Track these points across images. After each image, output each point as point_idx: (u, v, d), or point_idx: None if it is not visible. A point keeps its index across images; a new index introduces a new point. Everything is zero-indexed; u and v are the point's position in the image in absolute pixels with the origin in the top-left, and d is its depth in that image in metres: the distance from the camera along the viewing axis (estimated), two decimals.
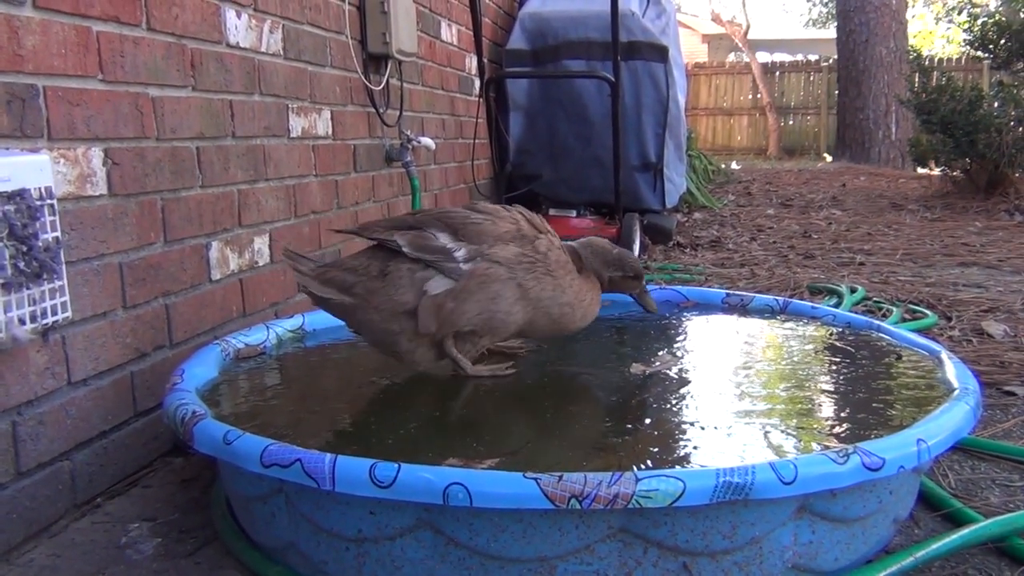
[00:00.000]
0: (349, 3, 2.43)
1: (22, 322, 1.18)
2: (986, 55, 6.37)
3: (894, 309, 2.64)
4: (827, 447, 1.12)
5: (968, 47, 6.61)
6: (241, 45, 1.88)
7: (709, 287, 3.07)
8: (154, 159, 1.57)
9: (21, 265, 1.17)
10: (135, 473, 1.52)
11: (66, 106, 1.35)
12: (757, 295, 2.03)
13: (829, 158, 13.00)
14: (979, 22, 6.33)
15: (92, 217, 1.41)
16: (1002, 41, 6.04)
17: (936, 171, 6.79)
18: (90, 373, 1.40)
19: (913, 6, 21.12)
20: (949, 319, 2.61)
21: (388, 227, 1.49)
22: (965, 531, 1.20)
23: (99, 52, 1.43)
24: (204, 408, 1.20)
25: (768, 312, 1.97)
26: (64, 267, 1.29)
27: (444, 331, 1.45)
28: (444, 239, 1.46)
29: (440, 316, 1.43)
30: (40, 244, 1.21)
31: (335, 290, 1.46)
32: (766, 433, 1.20)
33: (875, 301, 2.82)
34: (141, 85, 1.53)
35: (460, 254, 1.45)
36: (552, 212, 4.10)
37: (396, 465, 0.97)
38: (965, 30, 6.66)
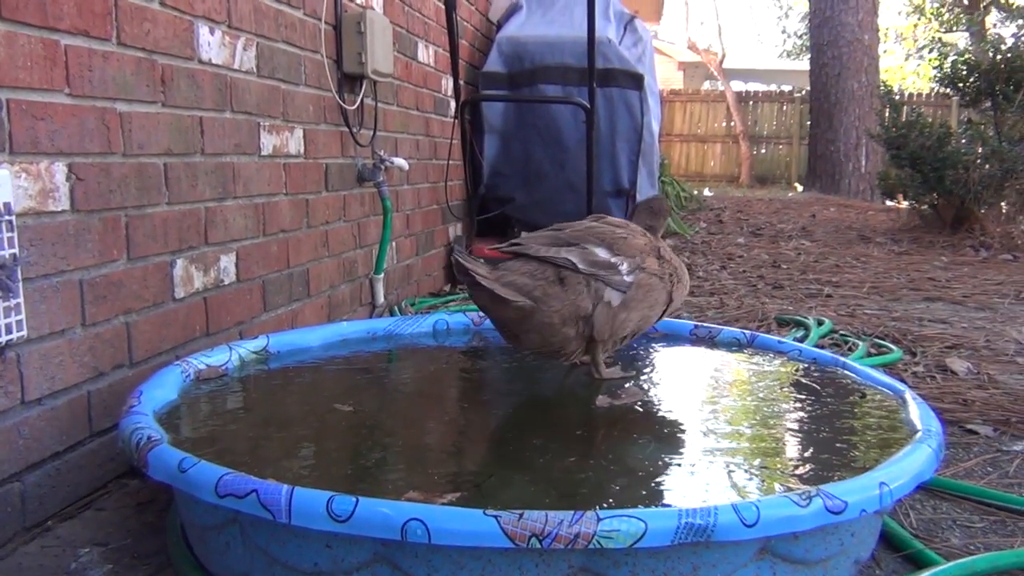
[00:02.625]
0: (325, 22, 2.42)
1: None
2: (955, 93, 6.48)
3: (860, 343, 2.66)
4: (790, 488, 1.12)
5: (938, 84, 6.72)
6: (214, 62, 1.86)
7: (678, 317, 3.08)
8: (120, 175, 1.55)
9: None
10: (89, 495, 1.48)
11: (30, 120, 1.33)
12: (725, 328, 2.04)
13: (800, 188, 13.15)
14: (949, 60, 6.44)
15: (53, 233, 1.38)
16: (971, 79, 6.14)
17: (904, 204, 6.89)
18: (45, 392, 1.37)
19: (885, 42, 21.52)
20: (914, 354, 2.64)
21: (548, 243, 1.62)
22: (925, 574, 1.20)
23: (67, 66, 1.41)
24: (160, 433, 1.18)
25: (735, 345, 1.97)
26: (21, 284, 1.26)
27: (613, 337, 1.63)
28: (604, 254, 1.62)
29: (614, 324, 1.60)
30: None
31: (516, 292, 1.55)
32: (730, 472, 1.19)
33: (841, 334, 2.84)
34: (109, 100, 1.51)
35: (624, 268, 1.61)
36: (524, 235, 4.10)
37: (354, 499, 0.96)
38: (935, 68, 6.78)
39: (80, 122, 1.44)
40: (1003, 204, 5.81)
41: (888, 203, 8.96)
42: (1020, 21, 18.96)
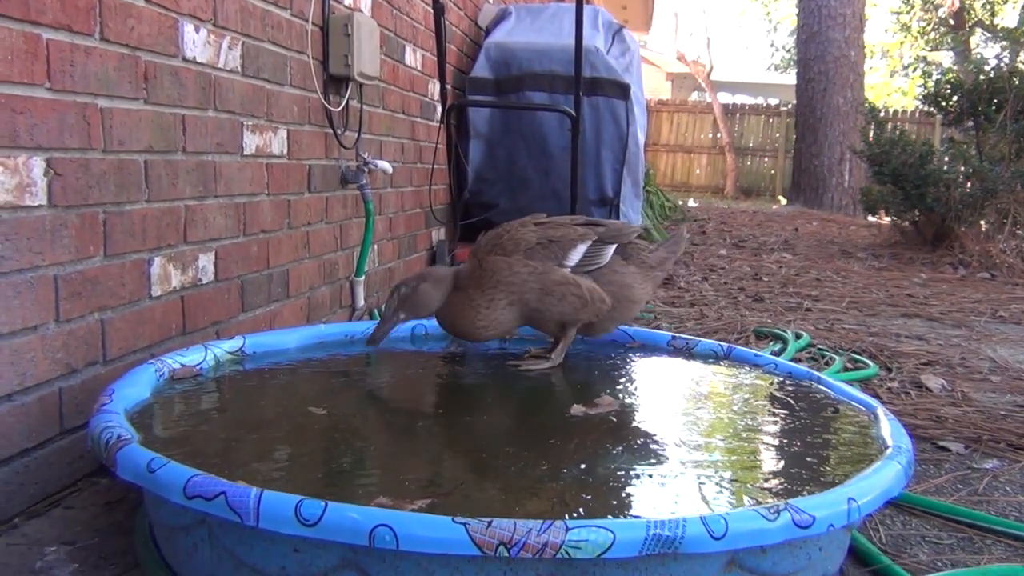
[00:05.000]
0: (312, 23, 2.41)
1: None
2: (939, 112, 6.54)
3: (837, 358, 2.68)
4: (759, 502, 1.12)
5: (922, 102, 6.77)
6: (198, 60, 1.85)
7: (658, 327, 3.09)
8: (99, 171, 1.54)
9: None
10: (57, 493, 1.47)
11: (8, 113, 1.32)
12: (702, 340, 2.05)
13: (784, 201, 13.23)
14: (933, 79, 6.50)
15: (28, 228, 1.37)
16: (954, 99, 6.20)
17: (886, 220, 6.94)
18: (15, 388, 1.36)
19: (871, 58, 21.70)
20: (890, 370, 2.66)
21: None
22: None
23: (48, 60, 1.40)
24: (131, 432, 1.17)
25: (712, 357, 1.98)
26: None
27: None
28: None
29: None
30: None
31: None
32: (700, 484, 1.20)
33: (819, 349, 2.86)
34: (90, 95, 1.50)
35: None
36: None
37: (323, 503, 0.95)
38: (919, 86, 6.84)
39: (60, 117, 1.43)
40: (983, 223, 5.86)
41: (870, 218, 9.03)
42: (1004, 42, 19.17)
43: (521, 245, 1.78)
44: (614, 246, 1.84)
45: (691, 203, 11.30)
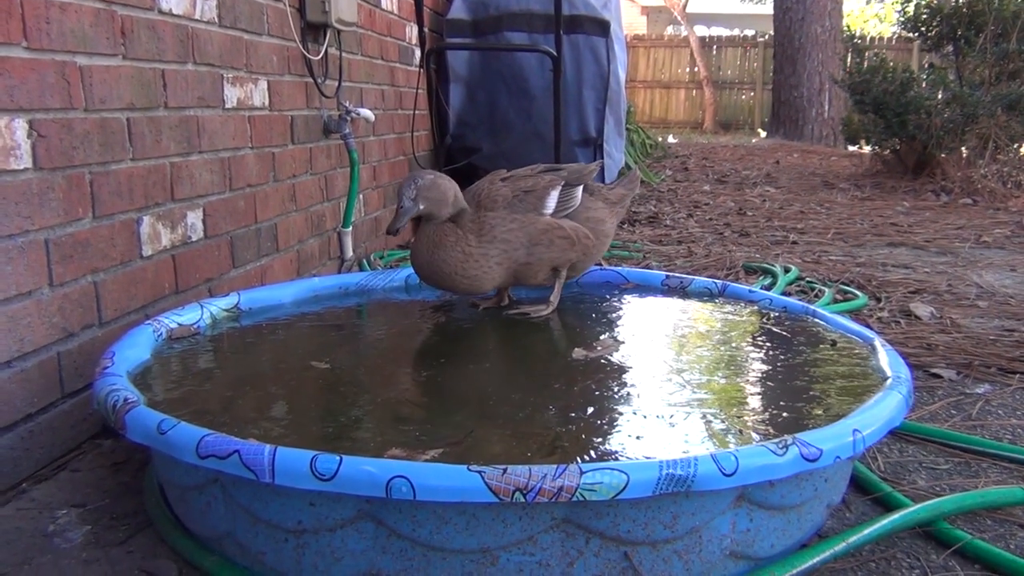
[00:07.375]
0: None
1: None
2: (917, 37, 6.49)
3: (826, 290, 2.70)
4: (766, 437, 1.14)
5: (900, 28, 6.73)
6: (174, 12, 1.81)
7: (647, 267, 3.10)
8: (82, 131, 1.51)
9: None
10: (63, 456, 1.47)
11: None
12: (696, 277, 2.05)
13: (763, 134, 13.19)
14: (912, 4, 6.45)
15: (15, 192, 1.34)
16: (933, 23, 6.16)
17: (867, 149, 6.94)
18: (14, 354, 1.35)
19: None
20: (879, 300, 2.68)
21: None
22: (895, 516, 1.23)
23: (23, 18, 1.36)
24: (136, 394, 1.16)
25: (707, 295, 1.99)
26: None
27: None
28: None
29: None
30: None
31: None
32: (707, 423, 1.21)
33: (808, 281, 2.88)
34: (68, 53, 1.47)
35: None
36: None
37: (338, 457, 0.96)
38: (898, 11, 6.79)
39: (39, 77, 1.40)
40: (964, 149, 5.87)
41: (851, 148, 9.02)
42: None
43: (499, 201, 1.74)
44: (580, 187, 1.85)
45: (671, 139, 11.25)
